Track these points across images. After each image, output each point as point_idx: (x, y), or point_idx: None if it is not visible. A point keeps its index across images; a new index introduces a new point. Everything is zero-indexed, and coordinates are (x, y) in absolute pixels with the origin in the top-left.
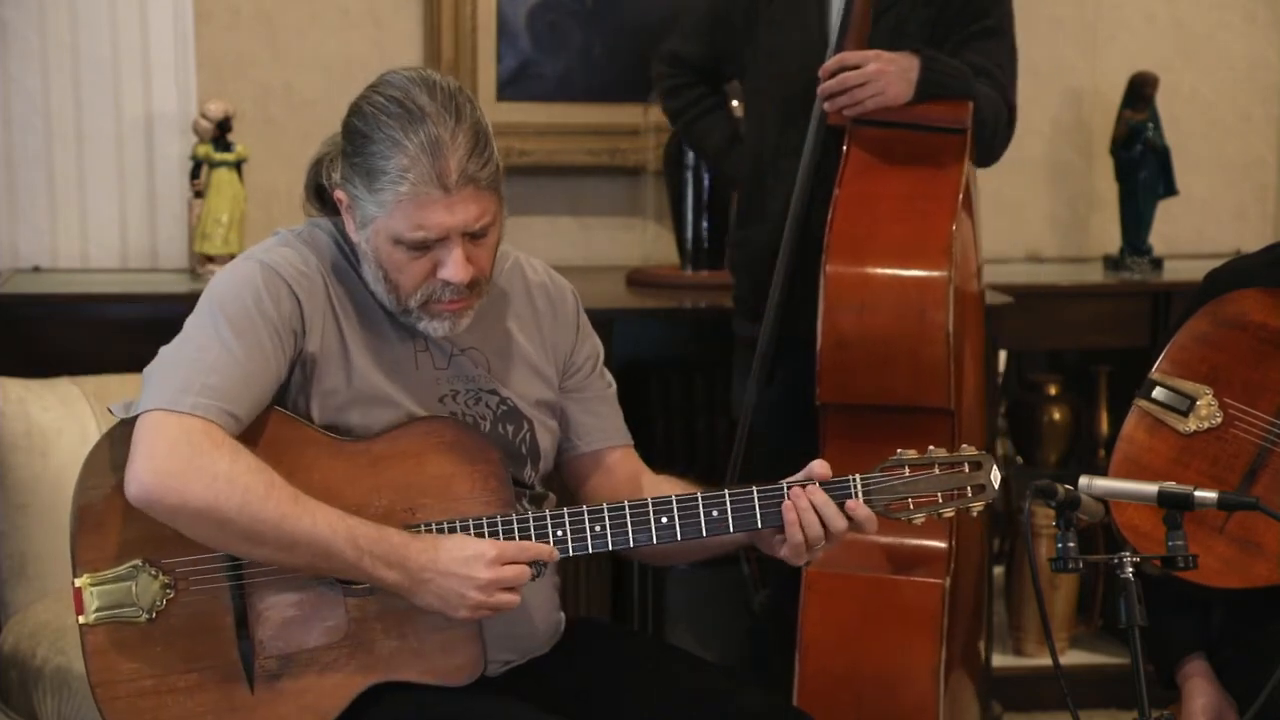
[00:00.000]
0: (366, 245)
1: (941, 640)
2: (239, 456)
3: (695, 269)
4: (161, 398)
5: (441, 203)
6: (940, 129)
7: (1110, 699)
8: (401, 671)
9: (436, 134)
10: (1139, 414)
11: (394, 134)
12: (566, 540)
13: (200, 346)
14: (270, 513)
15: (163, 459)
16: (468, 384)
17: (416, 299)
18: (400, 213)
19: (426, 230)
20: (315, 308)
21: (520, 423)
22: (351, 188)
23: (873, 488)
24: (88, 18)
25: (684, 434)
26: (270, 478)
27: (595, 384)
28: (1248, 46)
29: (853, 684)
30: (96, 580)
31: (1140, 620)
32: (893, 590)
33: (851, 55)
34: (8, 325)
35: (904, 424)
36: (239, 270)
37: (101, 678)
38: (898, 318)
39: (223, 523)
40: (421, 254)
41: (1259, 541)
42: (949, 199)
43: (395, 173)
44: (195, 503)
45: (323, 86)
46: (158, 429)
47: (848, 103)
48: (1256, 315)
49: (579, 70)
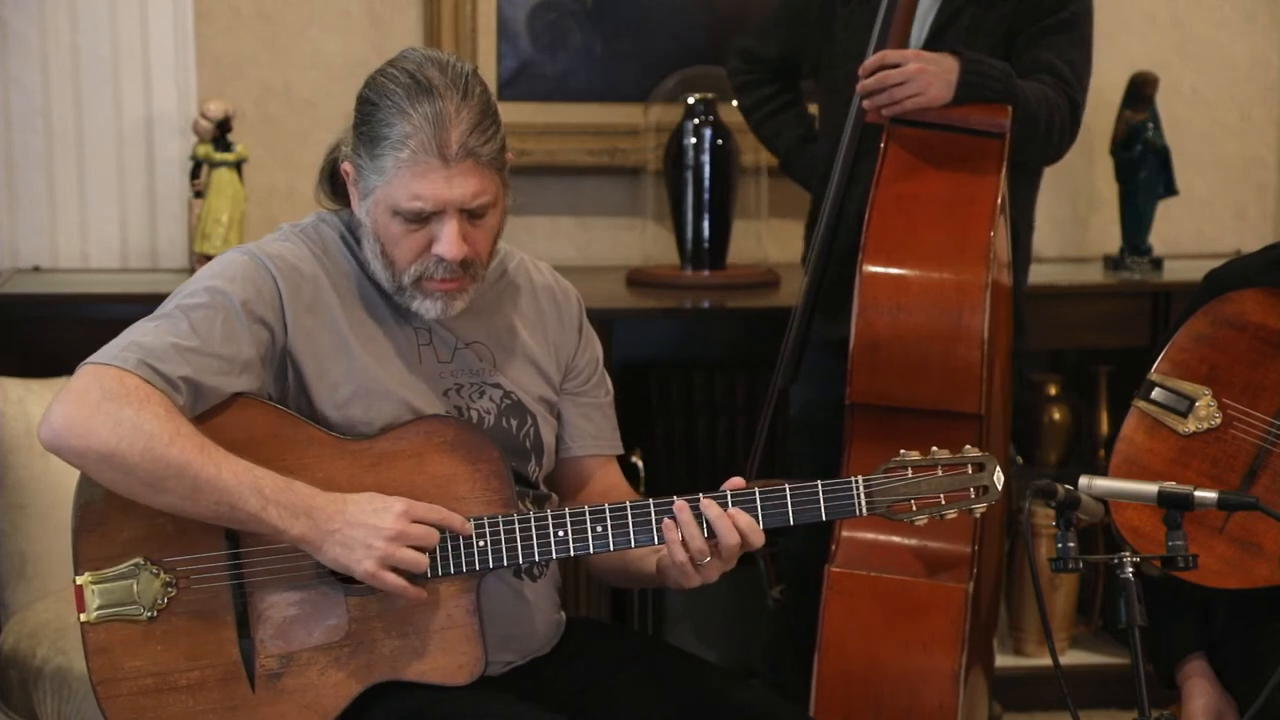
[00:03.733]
0: (366, 217)
1: (963, 645)
2: (147, 404)
3: (695, 269)
4: (95, 355)
5: (440, 173)
6: (978, 132)
7: (1110, 699)
8: (403, 671)
9: (442, 106)
10: (1138, 415)
11: (400, 103)
12: (568, 540)
13: (157, 315)
14: (174, 458)
15: (73, 404)
16: (471, 378)
17: (410, 275)
18: (399, 181)
19: (423, 201)
20: (303, 300)
21: (524, 417)
22: (356, 158)
23: (875, 488)
24: (88, 18)
25: (684, 434)
26: (177, 425)
27: (594, 390)
28: (1248, 46)
29: (872, 685)
30: (98, 578)
31: (1140, 620)
32: (916, 593)
33: (891, 54)
34: (8, 325)
35: (932, 428)
36: (226, 257)
37: (103, 676)
38: (933, 321)
39: (127, 468)
40: (418, 228)
41: (1259, 542)
42: (987, 203)
43: (397, 139)
44: (99, 446)
45: (323, 86)
46: (77, 379)
47: (886, 101)
48: (1255, 316)
49: (579, 70)
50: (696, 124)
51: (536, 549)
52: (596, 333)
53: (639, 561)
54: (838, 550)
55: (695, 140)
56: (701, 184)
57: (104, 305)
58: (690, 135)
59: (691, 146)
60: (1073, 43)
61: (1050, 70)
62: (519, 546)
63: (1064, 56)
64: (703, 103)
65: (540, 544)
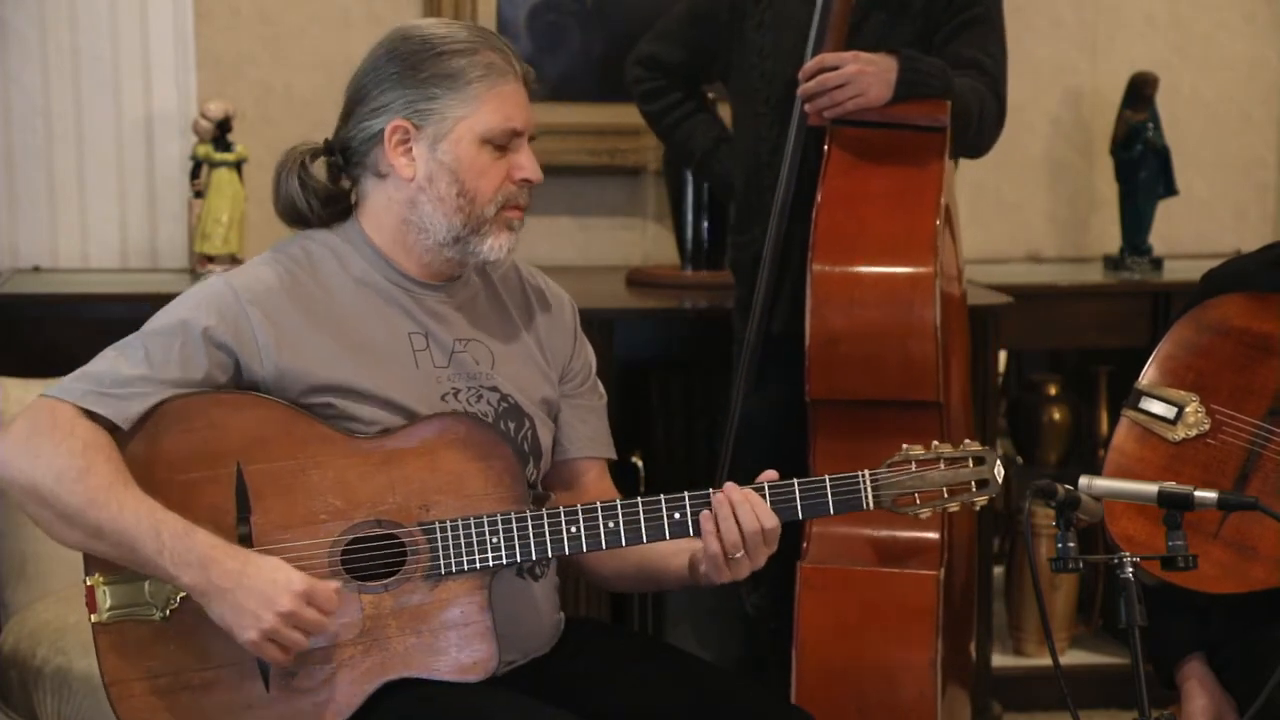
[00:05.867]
0: (443, 158)
1: (937, 632)
2: (67, 439)
3: (695, 269)
4: (52, 385)
5: (523, 93)
6: (919, 127)
7: (1110, 699)
8: (416, 669)
9: (489, 36)
10: (1128, 424)
11: (460, 41)
12: (580, 536)
13: (119, 343)
14: (77, 497)
15: (9, 438)
16: (469, 381)
17: (494, 205)
18: (491, 105)
19: (515, 121)
20: (282, 321)
21: (521, 420)
22: (423, 102)
23: (880, 483)
24: (88, 18)
25: (683, 434)
26: (89, 463)
27: (588, 393)
28: (1248, 46)
29: (851, 679)
30: (110, 579)
31: (1140, 620)
32: (888, 583)
33: (830, 56)
34: (8, 325)
35: (894, 418)
36: (197, 286)
37: (115, 676)
38: (886, 313)
39: (41, 502)
40: (500, 155)
41: (1254, 545)
42: (931, 195)
43: (481, 67)
44: (20, 480)
45: (323, 86)
46: (25, 409)
47: (827, 104)
48: (1238, 320)
49: (579, 70)
50: None
51: (550, 545)
52: (597, 333)
53: (662, 561)
54: (809, 547)
55: None
56: (701, 184)
57: (104, 305)
58: None
59: None
60: (989, 37)
61: (975, 65)
62: (531, 543)
63: (984, 50)
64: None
65: (553, 540)
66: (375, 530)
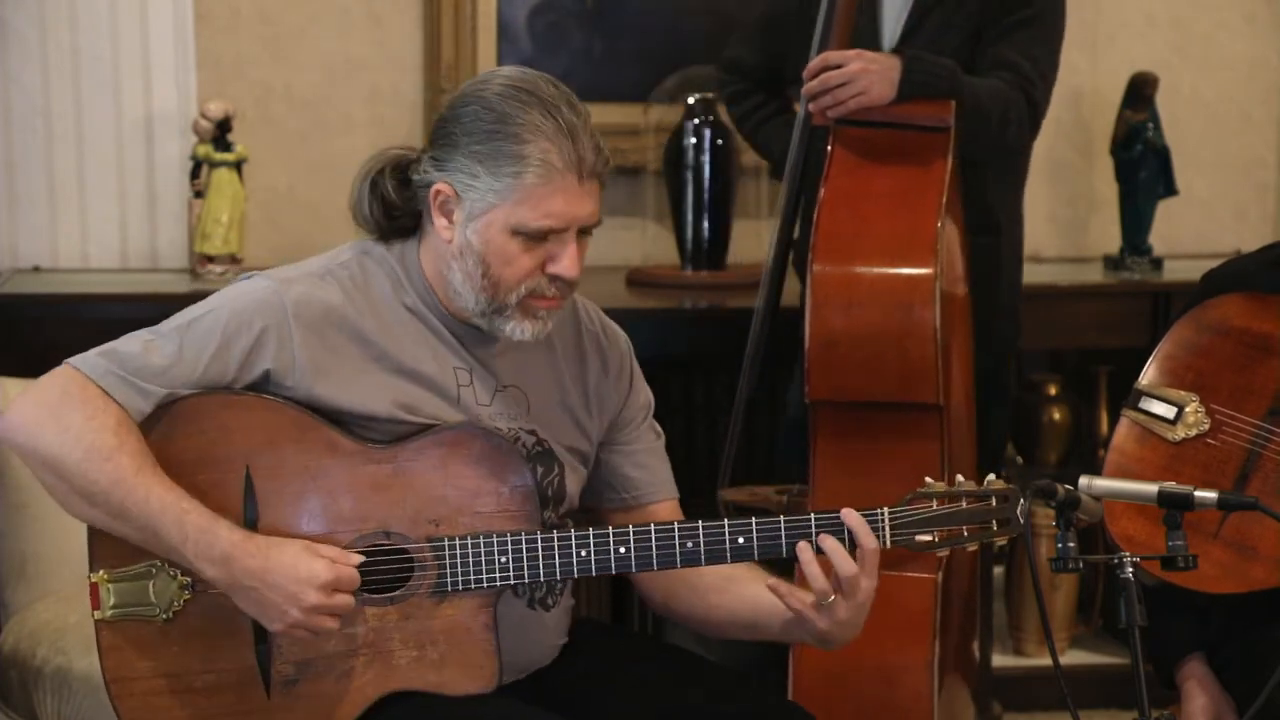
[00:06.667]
0: (471, 237)
1: (935, 634)
2: (98, 415)
3: (695, 269)
4: (77, 355)
5: (575, 191)
6: (923, 128)
7: (1110, 699)
8: (417, 682)
9: (571, 120)
10: (1127, 425)
11: (532, 117)
12: (590, 560)
13: (154, 329)
14: (106, 475)
15: (31, 403)
16: (510, 422)
17: (518, 294)
18: (532, 202)
19: (553, 219)
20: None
21: (551, 465)
22: (466, 177)
23: (900, 521)
24: (88, 18)
25: (684, 434)
26: (120, 442)
27: (645, 436)
28: (1248, 46)
29: (847, 680)
30: (114, 577)
31: (1140, 620)
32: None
33: (833, 55)
34: (8, 325)
35: (893, 420)
36: (247, 284)
37: (116, 674)
38: (885, 314)
39: (63, 475)
40: (536, 245)
41: (1254, 545)
42: (933, 196)
43: (536, 156)
44: (43, 448)
45: (323, 86)
46: (49, 376)
47: (830, 103)
48: (1238, 320)
49: (579, 70)
50: (696, 124)
51: (559, 568)
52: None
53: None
54: None
55: (695, 140)
56: (701, 184)
57: (104, 305)
58: (690, 135)
59: (691, 146)
60: (1035, 39)
61: (1010, 67)
62: (540, 565)
63: (1026, 53)
64: (703, 103)
65: (563, 563)
66: (383, 542)
